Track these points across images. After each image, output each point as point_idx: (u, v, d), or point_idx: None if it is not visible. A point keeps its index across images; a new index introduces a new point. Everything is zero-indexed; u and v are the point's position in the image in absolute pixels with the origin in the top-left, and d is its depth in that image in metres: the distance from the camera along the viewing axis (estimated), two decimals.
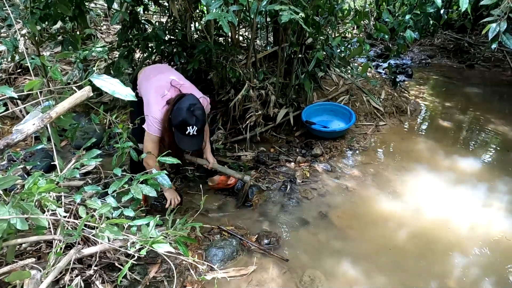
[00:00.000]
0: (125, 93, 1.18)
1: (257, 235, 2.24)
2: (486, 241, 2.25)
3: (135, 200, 1.55)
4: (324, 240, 2.24)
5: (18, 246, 1.64)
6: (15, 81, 3.85)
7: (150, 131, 2.04)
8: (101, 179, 2.61)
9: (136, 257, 1.45)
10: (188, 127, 1.91)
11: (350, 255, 2.12)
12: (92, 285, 1.74)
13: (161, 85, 2.08)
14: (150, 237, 1.37)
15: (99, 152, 1.60)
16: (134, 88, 2.23)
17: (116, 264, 1.83)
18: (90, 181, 2.65)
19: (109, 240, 1.44)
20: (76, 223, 1.47)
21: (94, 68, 1.34)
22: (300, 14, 1.91)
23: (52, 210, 1.46)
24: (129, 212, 1.50)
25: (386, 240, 2.25)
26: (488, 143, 3.43)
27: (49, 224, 1.55)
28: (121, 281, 1.77)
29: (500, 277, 2.01)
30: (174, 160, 1.64)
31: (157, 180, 1.59)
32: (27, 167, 2.70)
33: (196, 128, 1.94)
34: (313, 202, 2.57)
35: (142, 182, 1.53)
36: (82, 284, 1.56)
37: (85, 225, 1.39)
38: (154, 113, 2.00)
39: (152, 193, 1.48)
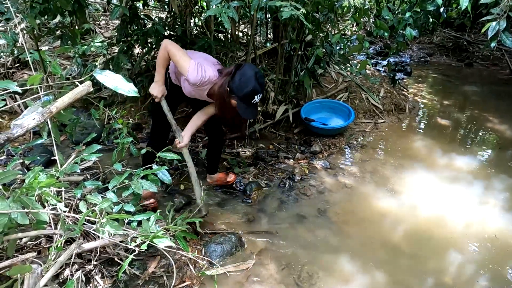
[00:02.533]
0: (128, 89, 1.18)
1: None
2: (481, 238, 2.27)
3: (135, 195, 1.55)
4: (322, 237, 2.25)
5: (18, 241, 1.64)
6: (13, 76, 3.83)
7: (192, 74, 1.87)
8: (100, 174, 2.61)
9: (136, 252, 1.46)
10: (256, 96, 1.86)
11: (347, 251, 2.14)
12: (92, 280, 1.75)
13: (207, 58, 2.03)
14: (151, 232, 1.38)
15: (99, 147, 1.60)
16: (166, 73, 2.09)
17: (116, 259, 1.84)
18: (88, 176, 2.64)
19: (109, 235, 1.45)
20: (77, 218, 1.47)
21: (96, 63, 1.33)
22: (301, 10, 1.91)
23: (52, 205, 1.46)
24: (130, 207, 1.50)
25: (383, 236, 2.27)
26: (485, 141, 3.45)
27: (49, 219, 1.55)
28: (120, 276, 1.78)
29: (495, 273, 2.04)
30: (175, 156, 1.65)
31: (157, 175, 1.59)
32: (26, 162, 2.70)
33: (261, 96, 1.90)
34: (312, 199, 2.58)
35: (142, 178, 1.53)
36: (83, 278, 1.57)
37: (85, 220, 1.39)
38: (208, 71, 1.90)
39: (153, 189, 1.49)
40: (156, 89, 2.03)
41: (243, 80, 1.84)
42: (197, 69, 1.88)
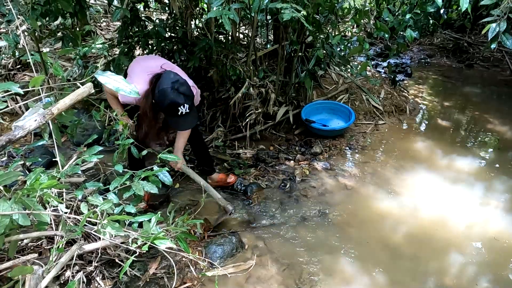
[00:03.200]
0: (129, 90, 1.19)
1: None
2: (482, 239, 2.27)
3: (136, 197, 1.56)
4: (323, 238, 2.25)
5: (20, 242, 1.65)
6: (14, 77, 3.84)
7: (124, 98, 1.87)
8: (101, 175, 2.61)
9: (137, 254, 1.46)
10: (179, 108, 1.77)
11: (348, 253, 2.14)
12: (93, 281, 1.75)
13: (149, 65, 1.94)
14: (152, 233, 1.38)
15: (100, 148, 1.60)
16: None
17: (117, 260, 1.85)
18: (89, 178, 2.65)
19: (110, 237, 1.45)
20: (78, 219, 1.47)
21: (98, 65, 1.34)
22: (301, 12, 1.92)
23: (53, 206, 1.46)
24: (131, 209, 1.51)
25: (384, 238, 2.27)
26: (486, 143, 3.45)
27: (50, 220, 1.55)
28: (122, 277, 1.78)
29: (496, 275, 2.03)
30: (175, 157, 1.65)
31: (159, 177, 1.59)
32: (27, 163, 2.70)
33: (188, 106, 1.79)
34: (312, 200, 2.58)
35: (143, 179, 1.53)
36: (84, 280, 1.57)
37: (86, 221, 1.40)
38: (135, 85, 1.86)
39: (154, 190, 1.49)
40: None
41: (160, 94, 1.76)
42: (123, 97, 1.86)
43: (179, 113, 1.80)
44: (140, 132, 1.97)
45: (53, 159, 2.89)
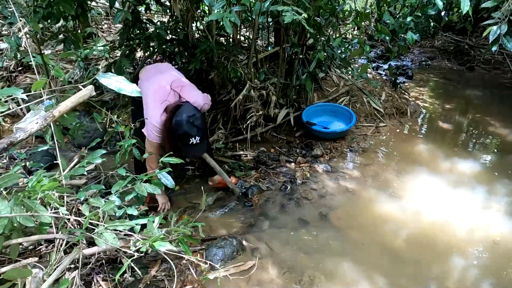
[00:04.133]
0: (131, 90, 1.19)
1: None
2: (484, 243, 2.26)
3: (138, 199, 1.56)
4: (324, 241, 2.25)
5: (20, 246, 1.64)
6: (15, 79, 3.85)
7: (150, 138, 2.06)
8: (102, 178, 2.61)
9: (136, 256, 1.46)
10: (191, 139, 1.94)
11: (349, 256, 2.13)
12: (93, 283, 1.75)
13: (160, 87, 2.07)
14: (153, 235, 1.38)
15: (103, 151, 1.61)
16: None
17: (118, 262, 1.84)
18: (90, 180, 2.65)
19: (107, 244, 1.45)
20: (79, 221, 1.47)
21: (98, 67, 1.34)
22: (302, 14, 1.92)
23: (54, 209, 1.46)
24: (133, 211, 1.51)
25: (385, 241, 2.26)
26: (487, 145, 3.44)
27: (51, 223, 1.55)
28: (123, 279, 1.78)
29: (498, 278, 2.02)
30: (177, 160, 1.65)
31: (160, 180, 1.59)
32: (28, 165, 2.71)
33: (199, 138, 1.96)
34: (313, 203, 2.58)
35: (145, 182, 1.53)
36: (79, 281, 1.56)
37: (88, 223, 1.39)
38: (154, 119, 2.00)
39: (156, 191, 1.49)
40: (164, 199, 2.37)
41: (176, 123, 1.92)
42: (149, 135, 2.05)
43: (190, 143, 1.95)
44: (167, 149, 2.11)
45: (54, 162, 2.89)
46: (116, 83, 1.20)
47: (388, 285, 1.96)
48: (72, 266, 1.65)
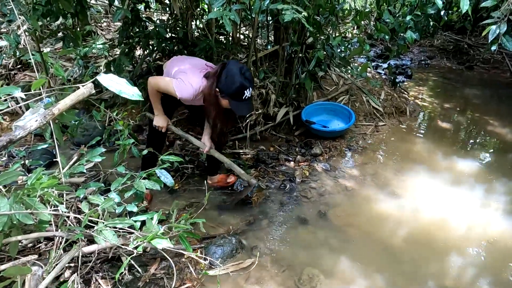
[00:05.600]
0: (132, 93, 1.18)
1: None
2: (483, 241, 2.27)
3: (138, 196, 1.56)
4: (323, 239, 2.25)
5: (20, 243, 1.65)
6: (14, 77, 3.85)
7: (181, 93, 1.97)
8: (101, 175, 2.61)
9: (136, 254, 1.46)
10: (245, 91, 1.89)
11: (348, 254, 2.14)
12: (92, 281, 1.75)
13: (197, 63, 2.07)
14: (152, 231, 1.38)
15: (103, 150, 1.61)
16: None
17: (117, 258, 1.85)
18: (89, 178, 2.65)
19: (106, 241, 1.45)
20: (78, 219, 1.47)
21: (97, 65, 1.34)
22: (302, 13, 1.92)
23: (54, 206, 1.46)
24: (132, 208, 1.51)
25: (384, 239, 2.27)
26: (486, 144, 3.45)
27: (50, 221, 1.55)
28: (122, 277, 1.78)
29: (496, 277, 2.03)
30: (177, 158, 1.65)
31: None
32: (27, 163, 2.70)
33: (251, 90, 1.93)
34: (312, 201, 2.58)
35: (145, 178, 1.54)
36: (79, 281, 1.57)
37: (88, 221, 1.40)
38: (195, 82, 1.96)
39: (155, 187, 1.49)
40: (160, 121, 2.21)
41: (229, 78, 1.88)
42: (182, 87, 1.96)
43: (244, 97, 1.91)
44: (217, 122, 2.13)
45: (53, 160, 2.89)
46: (117, 85, 1.19)
47: (386, 282, 1.97)
48: (72, 264, 1.65)
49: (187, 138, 2.40)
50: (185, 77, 1.98)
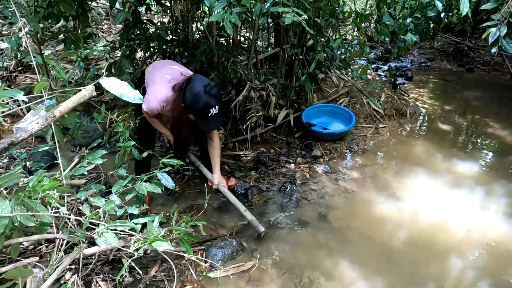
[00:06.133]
0: (133, 96, 1.19)
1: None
2: (483, 243, 2.27)
3: (138, 199, 1.56)
4: (323, 241, 2.25)
5: (21, 245, 1.65)
6: (15, 79, 3.86)
7: (148, 107, 1.95)
8: (101, 178, 2.62)
9: (136, 256, 1.46)
10: (210, 109, 1.85)
11: (348, 257, 2.14)
12: (93, 283, 1.75)
13: (172, 71, 2.02)
14: (153, 234, 1.38)
15: (105, 152, 1.61)
16: (141, 83, 2.18)
17: (117, 260, 1.85)
18: (89, 180, 2.65)
19: (106, 244, 1.45)
20: (79, 221, 1.48)
21: (98, 67, 1.34)
22: (303, 16, 1.93)
23: (55, 208, 1.47)
24: (133, 210, 1.51)
25: (384, 241, 2.27)
26: (486, 147, 3.45)
27: (51, 223, 1.56)
28: (122, 279, 1.78)
29: (496, 280, 2.03)
30: (178, 162, 1.65)
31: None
32: (28, 165, 2.71)
33: (218, 107, 1.88)
34: (313, 203, 2.59)
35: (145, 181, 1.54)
36: (79, 282, 1.57)
37: (89, 223, 1.40)
38: (160, 94, 1.92)
39: (157, 190, 1.49)
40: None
41: (194, 97, 1.82)
42: (147, 99, 1.95)
43: (209, 114, 1.87)
44: (180, 136, 2.10)
45: (54, 162, 2.89)
46: (119, 88, 1.20)
47: (386, 285, 1.97)
48: (73, 266, 1.65)
49: (199, 167, 2.43)
50: (152, 88, 1.97)
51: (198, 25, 3.23)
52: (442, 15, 3.28)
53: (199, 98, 1.81)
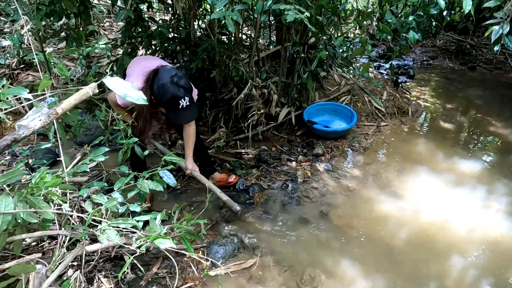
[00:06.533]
0: (137, 96, 1.19)
1: None
2: (484, 242, 2.27)
3: (141, 196, 1.57)
4: (325, 239, 2.26)
5: (24, 242, 1.66)
6: (17, 77, 3.86)
7: (121, 100, 1.87)
8: (103, 175, 2.63)
9: (138, 253, 1.47)
10: (180, 101, 1.78)
11: (350, 255, 2.14)
12: (95, 280, 1.76)
13: (148, 64, 1.93)
14: (155, 231, 1.39)
15: (107, 149, 1.62)
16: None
17: (119, 257, 1.85)
18: (91, 177, 2.66)
19: (109, 241, 1.46)
20: (82, 218, 1.48)
21: (101, 65, 1.34)
22: (305, 13, 1.92)
23: (58, 205, 1.47)
24: (135, 208, 1.52)
25: (385, 240, 2.27)
26: (488, 145, 3.44)
27: (54, 220, 1.56)
28: (124, 276, 1.79)
29: (498, 278, 2.03)
30: (179, 159, 1.66)
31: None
32: (30, 162, 2.72)
33: (188, 98, 1.80)
34: (314, 201, 2.59)
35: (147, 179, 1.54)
36: (82, 278, 1.58)
37: (91, 220, 1.41)
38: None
39: (159, 188, 1.50)
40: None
41: (161, 89, 1.76)
42: (121, 99, 1.87)
43: (180, 106, 1.81)
44: (136, 129, 1.96)
45: (57, 159, 2.90)
46: (123, 88, 1.20)
47: (387, 283, 1.97)
48: (75, 263, 1.66)
49: (164, 152, 2.38)
50: (127, 81, 1.91)
51: (200, 22, 3.23)
52: (445, 13, 3.27)
53: (166, 89, 1.75)
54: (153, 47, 3.02)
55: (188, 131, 2.18)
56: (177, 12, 2.94)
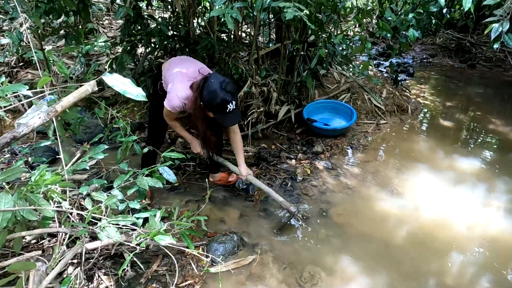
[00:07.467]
0: (136, 93, 1.19)
1: None
2: (484, 240, 2.27)
3: (140, 193, 1.57)
4: (324, 237, 2.26)
5: (24, 239, 1.66)
6: (17, 75, 3.86)
7: (170, 105, 2.01)
8: (103, 173, 2.63)
9: (138, 250, 1.47)
10: (228, 105, 1.90)
11: (349, 252, 2.15)
12: (95, 277, 1.76)
13: (189, 69, 2.07)
14: (154, 228, 1.39)
15: (106, 147, 1.62)
16: (158, 79, 2.20)
17: (119, 255, 1.86)
18: (91, 175, 2.66)
19: (109, 238, 1.46)
20: (81, 215, 1.48)
21: (99, 63, 1.34)
22: (304, 11, 1.92)
23: (57, 203, 1.48)
24: (135, 205, 1.52)
25: (385, 237, 2.27)
26: (488, 143, 3.45)
27: (54, 217, 1.56)
28: (124, 274, 1.79)
29: (497, 275, 2.04)
30: (179, 156, 1.66)
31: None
32: (30, 160, 2.72)
33: (235, 102, 1.94)
34: (314, 199, 2.59)
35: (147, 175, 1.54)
36: (82, 276, 1.58)
37: (91, 218, 1.41)
38: (180, 92, 1.97)
39: (158, 185, 1.50)
40: (196, 147, 2.33)
41: (211, 94, 1.88)
42: (169, 99, 2.01)
43: (227, 110, 1.93)
44: (200, 135, 2.16)
45: (56, 157, 2.90)
46: (122, 85, 1.20)
47: (387, 280, 1.98)
48: (75, 260, 1.66)
49: (223, 163, 2.46)
50: (173, 87, 2.01)
51: (199, 20, 3.23)
52: (444, 10, 3.26)
53: (216, 94, 1.87)
54: (152, 45, 3.01)
55: (236, 139, 2.31)
56: (177, 9, 2.93)
